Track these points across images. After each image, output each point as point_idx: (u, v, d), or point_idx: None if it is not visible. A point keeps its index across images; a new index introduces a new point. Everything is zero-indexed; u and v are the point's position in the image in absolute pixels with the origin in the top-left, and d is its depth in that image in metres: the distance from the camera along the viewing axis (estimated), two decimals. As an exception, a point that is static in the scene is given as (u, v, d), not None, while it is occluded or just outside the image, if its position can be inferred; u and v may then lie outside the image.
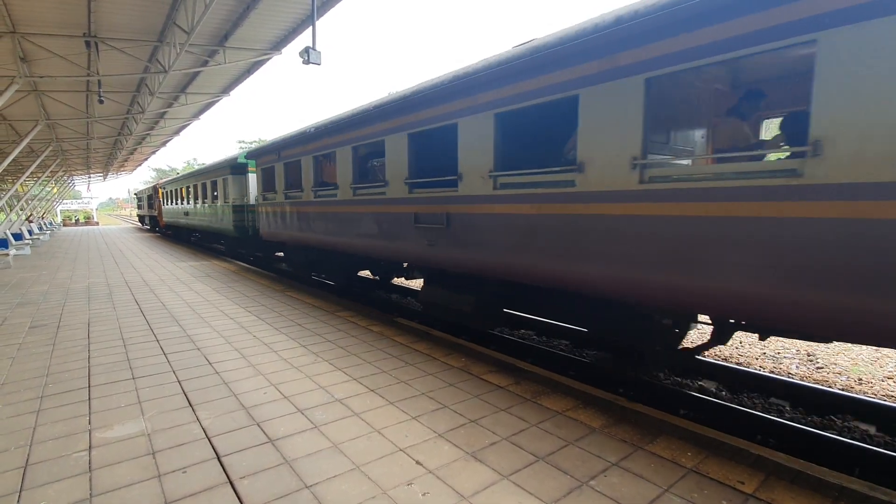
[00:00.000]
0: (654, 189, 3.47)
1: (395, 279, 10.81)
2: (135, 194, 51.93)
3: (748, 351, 6.51)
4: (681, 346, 4.80)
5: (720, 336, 4.24)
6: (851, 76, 2.56)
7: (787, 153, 3.25)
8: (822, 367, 5.87)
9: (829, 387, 5.14)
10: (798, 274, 2.80)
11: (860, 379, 5.48)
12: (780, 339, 6.95)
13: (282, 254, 13.33)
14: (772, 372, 5.68)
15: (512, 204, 4.65)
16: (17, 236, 18.96)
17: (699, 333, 6.81)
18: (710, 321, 4.23)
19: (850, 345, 6.56)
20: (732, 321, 3.97)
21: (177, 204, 22.38)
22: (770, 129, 5.06)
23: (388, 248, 6.63)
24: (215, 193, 15.55)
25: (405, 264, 7.85)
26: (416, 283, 9.91)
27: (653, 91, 3.50)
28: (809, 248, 2.74)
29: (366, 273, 10.66)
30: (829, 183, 2.66)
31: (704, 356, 5.76)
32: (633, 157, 3.56)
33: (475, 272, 5.28)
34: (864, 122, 2.53)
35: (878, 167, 2.48)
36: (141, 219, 42.42)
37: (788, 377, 5.42)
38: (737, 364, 5.88)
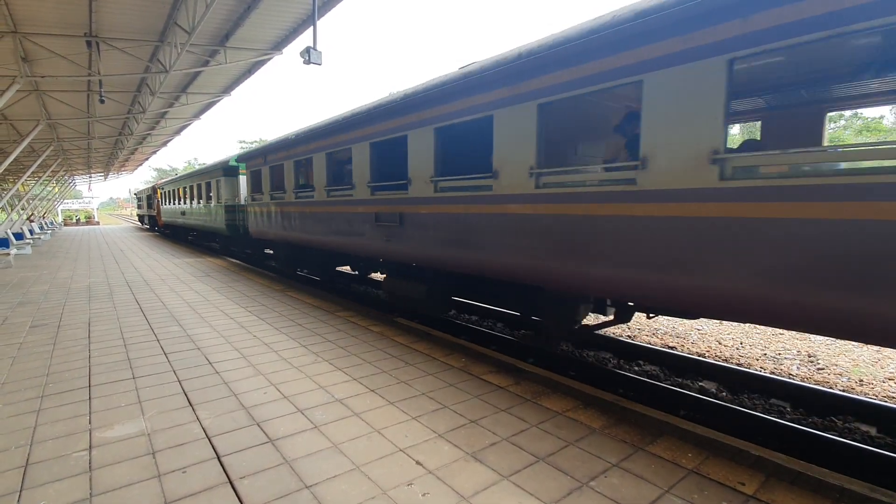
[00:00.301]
0: (545, 193, 4.24)
1: (372, 274, 11.16)
2: (135, 194, 51.90)
3: (749, 352, 6.51)
4: (582, 324, 5.31)
5: (622, 315, 4.95)
6: (663, 107, 3.31)
7: (630, 166, 3.84)
8: (822, 369, 5.87)
9: (830, 388, 5.14)
10: (645, 261, 3.50)
11: (861, 380, 5.48)
12: (781, 340, 6.96)
13: (271, 251, 13.76)
14: (772, 373, 5.68)
15: (448, 205, 5.37)
16: (19, 236, 19.02)
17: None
18: (611, 303, 4.89)
19: (851, 346, 6.56)
20: (631, 304, 4.57)
21: (174, 204, 22.59)
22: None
23: (355, 244, 7.37)
24: (209, 194, 15.87)
25: (381, 259, 8.34)
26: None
27: (544, 114, 4.22)
28: (646, 240, 3.48)
29: (347, 269, 11.13)
30: (652, 189, 3.41)
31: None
32: (530, 167, 4.32)
33: (423, 264, 6.02)
34: (670, 143, 3.28)
35: (680, 177, 3.24)
36: (141, 218, 42.48)
37: (789, 378, 5.42)
38: (737, 365, 5.88)
